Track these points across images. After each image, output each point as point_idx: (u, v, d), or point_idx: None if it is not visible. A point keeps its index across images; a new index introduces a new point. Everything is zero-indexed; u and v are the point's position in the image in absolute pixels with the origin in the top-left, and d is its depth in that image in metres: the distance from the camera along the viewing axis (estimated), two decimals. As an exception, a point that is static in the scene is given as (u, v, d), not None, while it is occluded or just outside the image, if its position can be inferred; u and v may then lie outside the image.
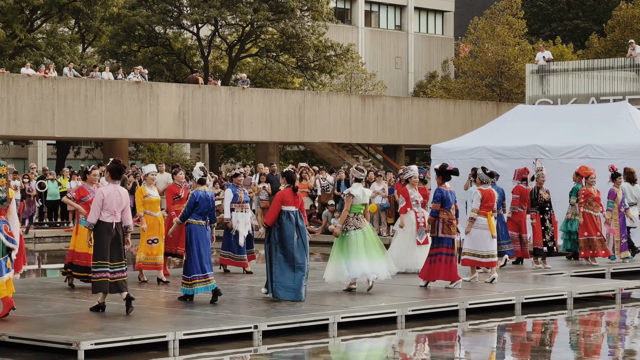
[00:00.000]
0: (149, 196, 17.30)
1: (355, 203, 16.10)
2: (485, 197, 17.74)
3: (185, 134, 41.64)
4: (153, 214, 17.25)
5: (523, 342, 14.06)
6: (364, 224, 16.18)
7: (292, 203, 15.41)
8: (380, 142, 48.93)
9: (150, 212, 17.23)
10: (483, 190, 17.83)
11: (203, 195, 15.03)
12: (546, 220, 20.32)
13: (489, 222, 17.72)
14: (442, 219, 16.88)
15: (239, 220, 18.74)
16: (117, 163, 14.11)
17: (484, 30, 58.34)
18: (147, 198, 17.26)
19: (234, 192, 18.73)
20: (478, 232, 17.76)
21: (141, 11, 49.02)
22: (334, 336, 13.53)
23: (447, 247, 16.87)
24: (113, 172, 14.03)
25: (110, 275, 13.70)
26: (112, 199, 13.78)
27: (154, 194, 17.43)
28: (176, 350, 12.20)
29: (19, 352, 12.11)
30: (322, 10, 51.17)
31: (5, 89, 36.75)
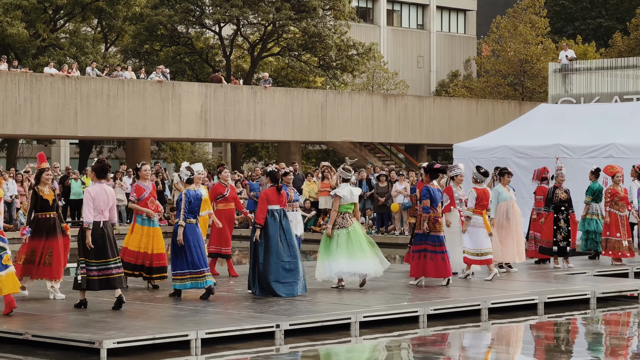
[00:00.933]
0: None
1: (342, 203, 16.37)
2: (480, 196, 18.00)
3: (208, 133, 41.70)
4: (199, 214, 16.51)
5: (546, 341, 14.00)
6: (350, 223, 16.41)
7: (277, 202, 15.81)
8: (402, 141, 48.86)
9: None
10: (478, 190, 18.06)
11: (194, 194, 15.42)
12: (561, 220, 20.15)
13: (484, 220, 17.93)
14: (428, 216, 17.09)
15: (291, 220, 17.99)
16: (102, 163, 14.41)
17: (507, 29, 58.15)
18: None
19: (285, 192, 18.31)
20: (475, 231, 17.94)
21: (163, 10, 49.12)
22: (356, 335, 13.51)
23: (433, 244, 17.04)
24: (98, 171, 14.34)
25: (94, 274, 13.98)
26: (100, 199, 14.13)
27: (203, 192, 16.96)
28: (198, 349, 12.20)
29: (41, 350, 12.15)
30: (344, 9, 51.13)
31: (29, 89, 36.90)
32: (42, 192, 14.99)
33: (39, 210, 14.94)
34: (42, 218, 14.94)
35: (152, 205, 16.28)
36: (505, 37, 58.19)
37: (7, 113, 36.48)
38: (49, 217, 14.99)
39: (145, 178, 16.52)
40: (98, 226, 14.06)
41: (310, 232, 30.53)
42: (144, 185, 16.40)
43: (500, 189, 19.26)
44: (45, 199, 14.94)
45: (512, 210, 19.28)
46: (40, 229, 14.90)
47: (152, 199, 16.34)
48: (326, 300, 15.21)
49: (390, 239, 30.23)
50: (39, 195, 14.93)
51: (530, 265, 20.65)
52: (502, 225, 19.12)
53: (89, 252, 14.02)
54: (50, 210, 15.00)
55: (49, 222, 14.96)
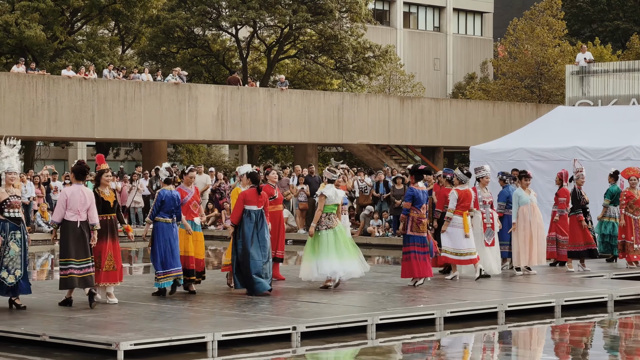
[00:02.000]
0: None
1: (327, 203, 16.64)
2: (461, 197, 18.11)
3: (224, 135, 41.74)
4: None
5: (563, 344, 13.96)
6: (336, 223, 16.71)
7: (255, 203, 16.10)
8: (419, 143, 48.81)
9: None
10: (460, 191, 18.18)
11: (169, 194, 15.71)
12: (588, 222, 20.13)
13: (464, 221, 18.02)
14: (412, 217, 17.22)
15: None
16: (81, 165, 14.84)
17: (524, 31, 58.05)
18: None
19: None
20: (453, 231, 18.06)
21: (180, 13, 49.22)
22: (373, 338, 13.49)
23: (417, 245, 17.18)
24: (77, 173, 14.75)
25: (77, 272, 14.34)
26: (76, 199, 14.47)
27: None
28: (215, 351, 12.21)
29: (59, 352, 12.18)
30: (360, 11, 51.11)
31: (46, 91, 37.01)
32: (102, 193, 14.87)
33: (100, 212, 14.70)
34: (102, 220, 14.73)
35: (195, 209, 16.14)
36: (522, 39, 58.07)
37: (25, 115, 36.60)
38: (110, 219, 14.86)
39: (189, 183, 16.30)
40: (75, 226, 14.46)
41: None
42: (186, 189, 16.21)
43: (520, 193, 19.21)
44: (106, 200, 14.83)
45: (533, 213, 19.23)
46: (101, 231, 14.67)
47: (194, 202, 16.15)
48: (343, 303, 15.21)
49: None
50: (100, 197, 14.80)
51: (548, 268, 20.58)
52: (523, 229, 19.08)
53: (68, 251, 14.36)
54: (111, 212, 14.87)
55: (110, 224, 14.83)
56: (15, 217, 14.31)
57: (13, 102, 36.30)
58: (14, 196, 14.33)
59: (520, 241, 19.11)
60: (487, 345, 13.82)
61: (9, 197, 14.28)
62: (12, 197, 14.31)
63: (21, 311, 14.24)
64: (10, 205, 14.27)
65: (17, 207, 14.34)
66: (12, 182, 14.42)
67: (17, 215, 14.34)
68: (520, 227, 19.10)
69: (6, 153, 14.55)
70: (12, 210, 14.29)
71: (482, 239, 18.49)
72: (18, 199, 14.40)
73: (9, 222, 14.26)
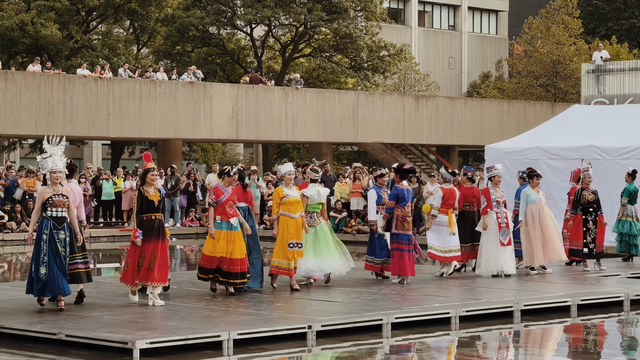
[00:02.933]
0: (287, 197, 16.47)
1: (310, 203, 16.89)
2: (446, 196, 18.42)
3: (239, 134, 41.77)
4: (292, 216, 16.41)
5: (579, 344, 13.92)
6: (318, 222, 16.97)
7: (242, 200, 16.38)
8: (434, 142, 48.76)
9: (288, 214, 16.40)
10: (444, 189, 18.50)
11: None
12: (589, 221, 20.01)
13: (449, 219, 18.31)
14: (396, 215, 17.44)
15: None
16: (70, 163, 15.24)
17: (539, 29, 57.91)
18: (285, 199, 16.44)
19: (378, 194, 17.99)
20: (439, 229, 18.34)
21: (195, 12, 49.27)
22: (388, 337, 13.49)
23: (403, 242, 17.39)
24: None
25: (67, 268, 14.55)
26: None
27: (293, 194, 16.54)
28: (230, 350, 12.22)
29: (75, 350, 12.21)
30: (375, 10, 51.07)
31: (62, 90, 37.11)
32: (147, 192, 14.63)
33: (145, 211, 14.57)
34: (147, 219, 14.57)
35: (231, 210, 15.73)
36: (537, 37, 57.94)
37: (41, 114, 36.71)
38: (155, 218, 14.63)
39: (230, 184, 15.99)
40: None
41: (342, 232, 30.47)
42: (222, 188, 15.87)
43: (529, 192, 19.18)
44: (150, 199, 14.60)
45: (541, 212, 19.18)
46: (146, 231, 14.53)
47: (230, 202, 15.76)
48: (358, 302, 15.21)
49: (421, 240, 30.10)
50: (145, 196, 14.59)
51: (563, 267, 20.53)
52: (533, 228, 19.04)
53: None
54: (156, 211, 14.64)
55: (154, 224, 14.59)
56: (58, 217, 14.03)
57: (29, 101, 36.41)
58: (58, 195, 14.09)
59: (531, 240, 19.08)
60: (503, 344, 13.80)
61: (52, 195, 14.03)
62: (56, 196, 14.06)
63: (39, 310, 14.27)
64: (54, 204, 14.03)
65: (61, 206, 14.05)
66: (57, 181, 14.13)
67: (61, 215, 14.06)
68: (530, 226, 19.08)
69: (50, 152, 14.28)
70: (56, 209, 14.04)
71: (498, 238, 18.46)
72: (64, 198, 14.11)
73: (52, 221, 14.00)
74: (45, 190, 14.10)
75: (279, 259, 16.42)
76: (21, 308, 14.46)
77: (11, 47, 46.03)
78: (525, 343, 13.93)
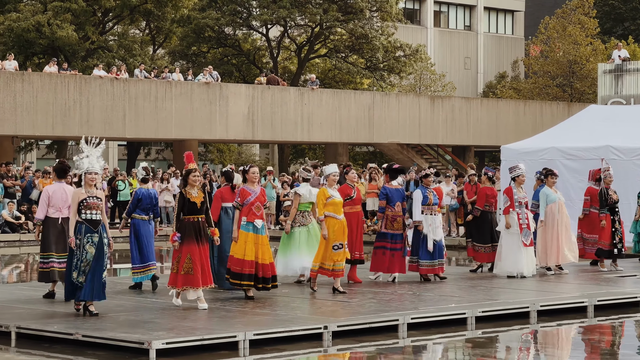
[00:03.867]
0: (332, 198, 16.03)
1: (302, 201, 17.10)
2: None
3: (255, 135, 41.81)
4: (337, 217, 15.98)
5: (596, 344, 13.87)
6: (310, 221, 17.16)
7: (230, 200, 16.44)
8: (450, 142, 48.71)
9: (333, 215, 15.96)
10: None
11: (146, 192, 16.41)
12: (616, 221, 19.99)
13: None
14: (386, 215, 17.72)
15: (430, 224, 17.81)
16: (62, 164, 15.43)
17: (555, 29, 57.77)
18: (330, 200, 15.99)
19: (424, 194, 17.84)
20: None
21: (211, 13, 49.35)
22: (404, 337, 13.47)
23: (390, 241, 17.62)
24: (58, 172, 15.45)
25: (58, 265, 15.08)
26: (58, 197, 15.17)
27: (337, 195, 16.17)
28: (246, 350, 12.22)
29: (91, 350, 12.23)
30: (391, 10, 51.06)
31: (78, 91, 37.21)
32: (189, 194, 14.25)
33: (186, 213, 14.19)
34: (189, 222, 14.19)
35: (258, 212, 15.25)
36: (553, 37, 57.80)
37: (57, 115, 36.83)
38: (197, 220, 14.22)
39: (253, 181, 15.45)
40: (57, 222, 15.18)
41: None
42: (250, 189, 15.38)
43: (548, 191, 19.13)
44: (192, 201, 14.21)
45: (561, 211, 19.13)
46: (186, 233, 14.13)
47: (257, 204, 15.27)
48: (374, 302, 15.19)
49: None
50: (186, 198, 14.22)
51: (580, 268, 20.47)
52: (552, 227, 18.99)
53: (48, 246, 15.08)
54: (199, 213, 14.25)
55: (196, 226, 14.19)
56: (93, 220, 13.60)
57: (45, 102, 36.54)
58: (93, 197, 13.66)
59: (548, 240, 19.03)
60: (520, 345, 13.76)
61: (87, 197, 13.60)
62: (91, 198, 13.62)
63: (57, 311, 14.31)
64: (88, 207, 13.59)
65: (96, 209, 13.63)
66: (92, 183, 13.71)
67: (96, 218, 13.63)
68: (549, 225, 19.03)
69: (87, 152, 13.93)
70: (90, 211, 13.60)
71: (520, 239, 18.39)
72: (98, 201, 13.69)
73: (85, 225, 13.57)
74: (80, 192, 13.70)
75: (321, 261, 16.02)
76: (38, 308, 14.51)
77: (28, 48, 46.20)
78: (542, 344, 13.89)
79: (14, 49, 43.94)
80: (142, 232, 16.22)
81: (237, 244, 15.21)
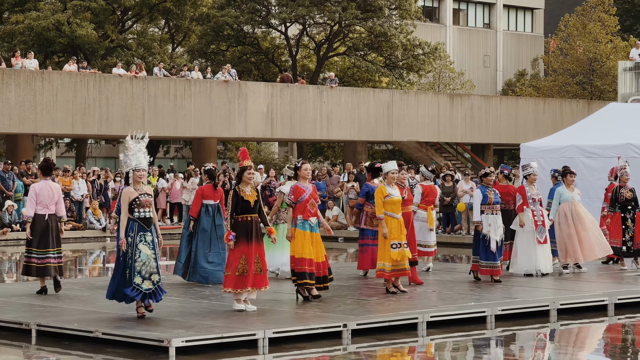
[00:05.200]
0: (390, 196, 15.58)
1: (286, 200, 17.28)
2: (425, 192, 18.86)
3: (274, 133, 41.83)
4: (395, 216, 15.56)
5: (617, 343, 13.83)
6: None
7: (212, 197, 17.33)
8: (469, 141, 48.61)
9: (391, 214, 15.55)
10: (424, 186, 18.92)
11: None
12: (628, 219, 19.89)
13: (428, 215, 18.70)
14: (366, 212, 17.93)
15: (490, 224, 17.49)
16: (47, 162, 16.09)
17: (575, 27, 57.58)
18: (388, 198, 15.56)
19: (484, 193, 17.57)
20: (420, 225, 18.60)
21: (230, 11, 49.40)
22: (423, 335, 13.45)
23: (372, 238, 17.74)
24: (44, 169, 16.02)
25: (36, 261, 15.72)
26: (44, 194, 15.76)
27: (395, 193, 15.67)
28: (266, 349, 12.23)
29: (111, 348, 12.27)
30: (410, 8, 51.00)
31: (97, 89, 37.32)
32: (242, 192, 13.79)
33: (240, 212, 13.74)
34: (242, 221, 13.75)
35: (313, 209, 14.88)
36: (573, 35, 57.61)
37: (77, 113, 36.94)
38: (250, 219, 13.77)
39: (306, 178, 15.02)
40: (43, 219, 15.73)
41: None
42: (303, 186, 14.93)
43: (562, 190, 19.07)
44: (246, 200, 13.75)
45: (574, 210, 19.06)
46: (242, 233, 13.70)
47: (312, 201, 14.87)
48: (393, 300, 15.17)
49: (456, 238, 30.09)
50: (240, 196, 13.75)
51: (600, 266, 20.40)
52: (567, 226, 18.92)
53: (31, 241, 15.71)
54: (252, 212, 13.78)
55: (249, 226, 13.76)
56: (145, 218, 13.20)
57: (65, 100, 36.66)
58: (144, 194, 13.24)
59: (565, 238, 18.98)
60: (541, 343, 13.73)
61: (139, 195, 13.19)
62: (142, 196, 13.21)
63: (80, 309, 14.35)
64: (140, 205, 13.17)
65: (147, 207, 13.22)
66: (140, 180, 13.27)
67: (148, 216, 13.22)
68: (563, 224, 18.98)
69: (133, 149, 13.47)
70: (142, 210, 13.19)
71: (534, 236, 18.37)
72: (149, 197, 13.28)
73: (138, 223, 13.17)
74: (130, 191, 13.24)
75: (383, 262, 15.65)
76: (58, 306, 14.55)
77: (47, 47, 46.38)
78: (562, 342, 13.85)
79: (34, 48, 44.11)
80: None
81: (296, 243, 14.80)
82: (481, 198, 17.60)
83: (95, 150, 57.99)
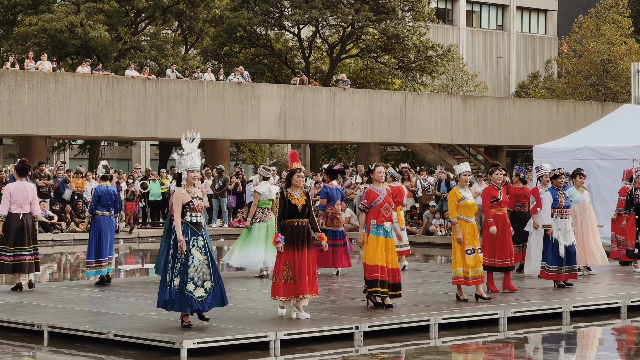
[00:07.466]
0: (464, 199, 15.15)
1: (262, 199, 18.35)
2: (394, 193, 18.73)
3: (286, 135, 41.82)
4: (468, 220, 15.12)
5: (631, 345, 13.77)
6: (269, 217, 18.32)
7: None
8: (482, 142, 48.52)
9: (464, 218, 15.12)
10: (393, 187, 18.88)
11: (105, 189, 17.45)
12: None
13: (398, 215, 18.74)
14: (327, 213, 19.05)
15: (560, 228, 16.93)
16: (23, 163, 16.94)
17: (589, 29, 57.44)
18: (462, 202, 15.13)
19: (554, 196, 16.97)
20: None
21: (243, 13, 49.42)
22: (435, 337, 13.42)
23: (332, 238, 18.44)
24: (19, 170, 16.76)
25: (9, 259, 16.40)
26: (19, 194, 16.47)
27: (469, 196, 15.21)
28: (277, 350, 12.21)
29: (123, 349, 12.27)
30: (423, 10, 50.95)
31: (110, 91, 37.37)
32: (290, 195, 13.38)
33: (287, 216, 13.36)
34: (289, 225, 13.35)
35: (387, 213, 14.33)
36: (587, 37, 57.47)
37: (90, 115, 37.01)
38: (297, 224, 13.35)
39: (380, 181, 14.49)
40: (18, 217, 16.42)
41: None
42: (376, 189, 14.44)
43: (572, 192, 19.00)
44: (293, 204, 13.36)
45: (584, 212, 19.01)
46: (287, 239, 13.32)
47: (386, 205, 14.36)
48: (405, 302, 15.14)
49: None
50: (287, 200, 13.37)
51: (613, 268, 20.33)
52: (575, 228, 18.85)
53: (5, 240, 16.31)
54: (300, 217, 13.36)
55: (296, 231, 13.34)
56: (196, 222, 12.71)
57: (78, 102, 36.73)
58: (196, 198, 12.78)
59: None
60: (554, 345, 13.68)
61: (192, 199, 12.72)
62: (195, 199, 12.74)
63: (87, 309, 14.36)
64: (193, 209, 12.69)
65: (199, 211, 12.76)
66: (194, 181, 12.81)
67: (199, 220, 12.74)
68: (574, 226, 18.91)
69: (188, 149, 12.98)
70: (195, 214, 12.71)
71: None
72: (201, 202, 12.82)
73: (190, 227, 12.67)
74: (182, 193, 12.76)
75: (458, 268, 15.11)
76: (70, 308, 14.57)
77: (61, 48, 46.48)
78: (575, 344, 13.80)
79: (48, 50, 44.20)
80: (103, 227, 17.30)
81: (368, 250, 14.27)
82: (552, 201, 16.96)
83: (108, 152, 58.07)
